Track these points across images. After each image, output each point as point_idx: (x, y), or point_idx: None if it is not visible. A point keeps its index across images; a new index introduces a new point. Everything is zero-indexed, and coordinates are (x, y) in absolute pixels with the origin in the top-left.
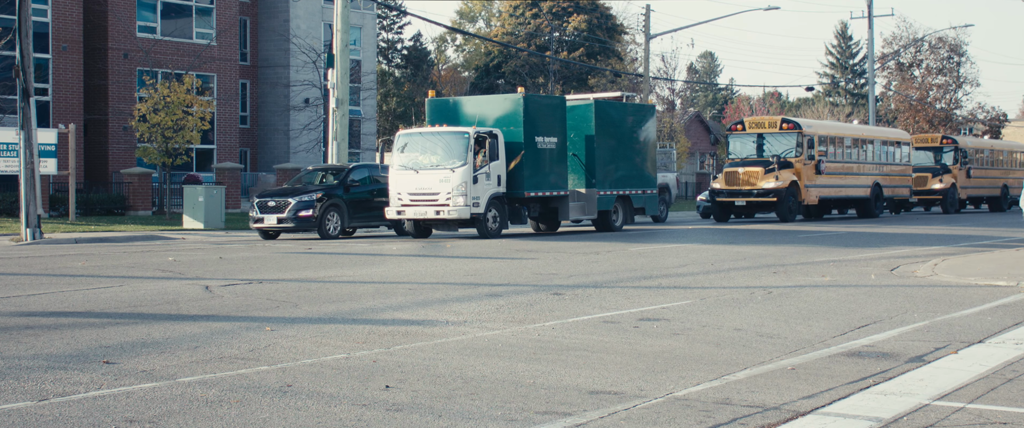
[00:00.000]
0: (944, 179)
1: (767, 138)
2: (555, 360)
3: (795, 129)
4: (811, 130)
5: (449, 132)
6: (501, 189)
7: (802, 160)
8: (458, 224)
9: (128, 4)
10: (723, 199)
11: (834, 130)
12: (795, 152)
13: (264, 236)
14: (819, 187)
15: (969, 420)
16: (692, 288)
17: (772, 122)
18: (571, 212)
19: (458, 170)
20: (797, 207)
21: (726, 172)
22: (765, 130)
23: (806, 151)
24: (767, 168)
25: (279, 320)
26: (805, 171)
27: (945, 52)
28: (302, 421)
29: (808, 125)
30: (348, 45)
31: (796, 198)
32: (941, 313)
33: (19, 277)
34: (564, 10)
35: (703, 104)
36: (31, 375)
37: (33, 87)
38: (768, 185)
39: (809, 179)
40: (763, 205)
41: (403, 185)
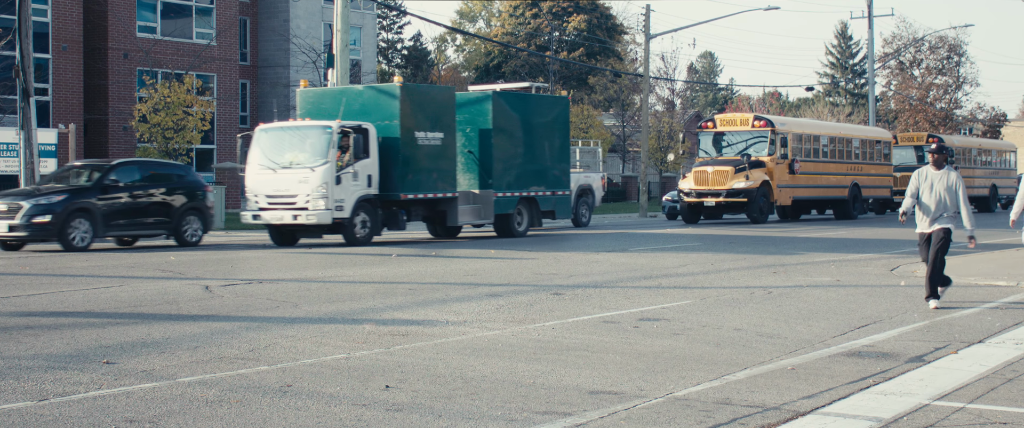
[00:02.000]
0: None
1: (739, 136)
2: (555, 360)
3: (767, 127)
4: (784, 128)
5: (310, 127)
6: (372, 191)
7: (774, 159)
8: (320, 230)
9: (128, 4)
10: (691, 200)
11: (809, 128)
12: (767, 151)
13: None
14: (793, 187)
15: (969, 420)
16: (692, 288)
17: (743, 120)
18: (461, 215)
19: (318, 169)
20: (769, 208)
21: (695, 171)
22: (736, 128)
23: (779, 150)
24: (737, 168)
25: (279, 320)
26: (777, 171)
27: (945, 52)
28: (302, 421)
29: (781, 123)
30: (348, 45)
31: (767, 199)
32: (941, 313)
33: (19, 277)
34: (564, 10)
35: (703, 104)
36: (31, 375)
37: (33, 87)
38: (738, 185)
39: (782, 179)
40: (733, 206)
41: (260, 186)
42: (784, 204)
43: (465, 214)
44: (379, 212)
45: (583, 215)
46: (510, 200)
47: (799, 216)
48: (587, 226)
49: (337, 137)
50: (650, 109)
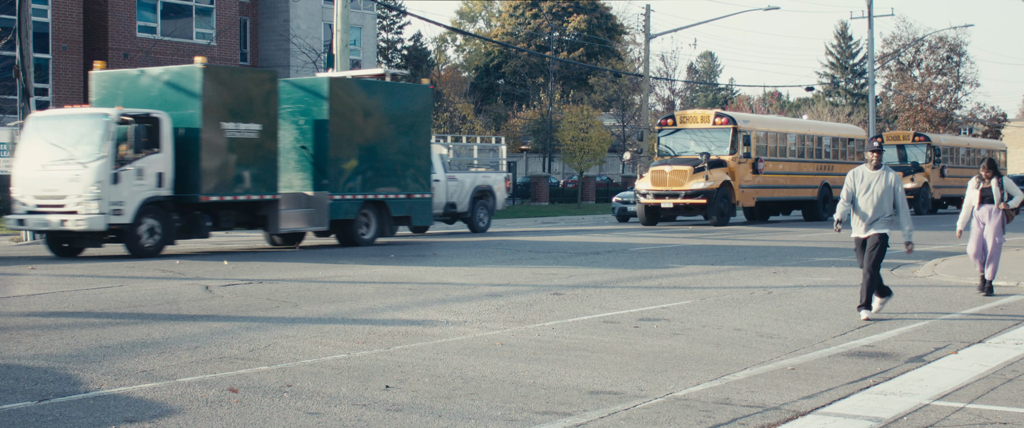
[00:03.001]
0: (916, 178)
1: (700, 134)
2: (555, 360)
3: (729, 124)
4: (748, 126)
5: (83, 115)
6: (164, 191)
7: (737, 158)
8: (97, 238)
9: (128, 4)
10: (648, 201)
11: (775, 126)
12: (729, 149)
13: None
14: (757, 188)
15: (969, 420)
16: (692, 288)
17: (704, 117)
18: (285, 221)
19: (91, 166)
20: (730, 210)
21: (652, 171)
22: (697, 125)
23: (741, 149)
24: (696, 167)
25: (279, 320)
26: (740, 170)
27: (945, 52)
28: (302, 421)
29: (744, 120)
30: (348, 45)
31: (729, 200)
32: (941, 313)
33: (19, 277)
34: (564, 10)
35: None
36: (31, 375)
37: (33, 87)
38: (696, 186)
39: (745, 179)
40: (691, 208)
41: (28, 185)
42: (747, 205)
43: (292, 219)
44: (174, 217)
45: (481, 220)
46: (351, 204)
47: (767, 217)
48: (485, 232)
49: (116, 127)
50: (650, 109)
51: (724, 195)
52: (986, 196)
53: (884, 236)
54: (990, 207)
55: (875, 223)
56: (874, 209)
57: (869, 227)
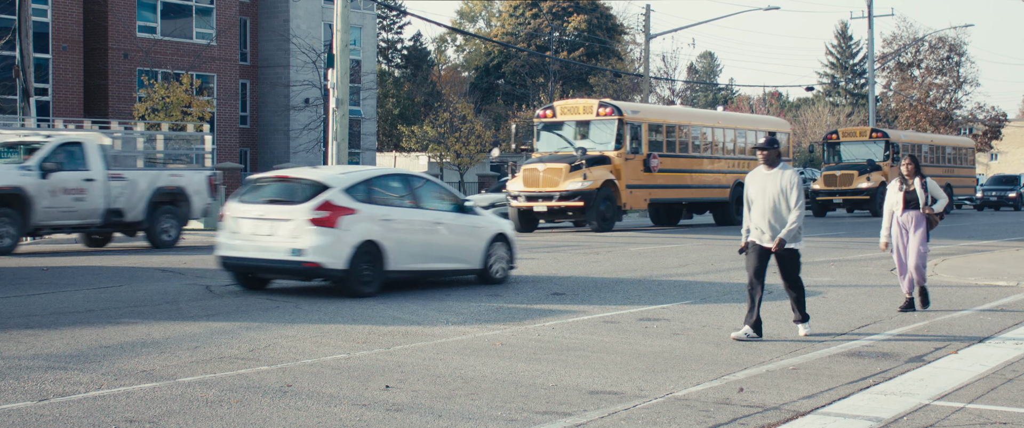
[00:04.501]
0: (872, 177)
1: (582, 127)
2: (555, 360)
3: (613, 115)
4: (637, 117)
5: None
6: None
7: (623, 154)
8: None
9: (128, 4)
10: (520, 204)
11: (675, 117)
12: (615, 144)
13: None
14: (649, 187)
15: (969, 420)
16: (692, 288)
17: (587, 107)
18: None
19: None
20: (615, 213)
21: (524, 170)
22: (579, 116)
23: (629, 143)
24: (572, 165)
25: (279, 320)
26: (627, 168)
27: (945, 52)
28: (302, 421)
29: (633, 111)
30: (348, 45)
31: (613, 202)
32: (941, 313)
33: (19, 277)
34: (564, 10)
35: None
36: (31, 375)
37: (33, 87)
38: (572, 186)
39: (634, 177)
40: (567, 211)
41: None
42: (637, 207)
43: None
44: None
45: (166, 232)
46: None
47: (677, 221)
48: (172, 247)
49: None
50: None
51: (606, 197)
52: (910, 200)
53: (792, 251)
54: (915, 213)
55: (775, 228)
56: (771, 214)
57: (770, 233)
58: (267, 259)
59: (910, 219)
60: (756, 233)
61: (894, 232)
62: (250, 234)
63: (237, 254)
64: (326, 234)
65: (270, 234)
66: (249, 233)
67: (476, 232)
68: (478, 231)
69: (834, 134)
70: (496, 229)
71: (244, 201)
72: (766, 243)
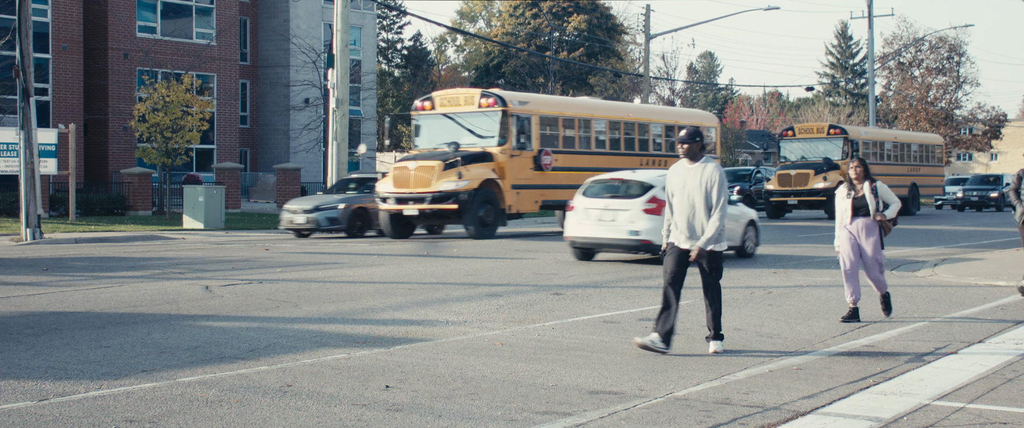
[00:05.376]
0: (829, 177)
1: (463, 120)
2: (555, 360)
3: (498, 106)
4: (526, 108)
5: None
6: None
7: (508, 150)
8: None
9: (128, 4)
10: (390, 207)
11: (572, 109)
12: (498, 139)
13: None
14: (541, 188)
15: (969, 420)
16: (692, 288)
17: (469, 97)
18: None
19: None
20: (498, 217)
21: (394, 169)
22: (460, 108)
23: (516, 138)
24: (446, 163)
25: (279, 320)
26: (513, 166)
27: (945, 52)
28: (302, 421)
29: (521, 102)
30: (348, 45)
31: (496, 204)
32: (941, 313)
33: (19, 277)
34: (564, 10)
35: (703, 104)
36: (31, 375)
37: (33, 87)
38: (445, 186)
39: (522, 177)
40: (441, 215)
41: None
42: (525, 210)
43: None
44: None
45: None
46: None
47: None
48: None
49: None
50: None
51: (487, 198)
52: (859, 207)
53: (715, 254)
54: (865, 220)
55: (696, 231)
56: (690, 211)
57: (690, 234)
58: (610, 238)
59: (861, 227)
60: (676, 233)
61: (843, 237)
62: (596, 221)
63: (585, 234)
64: (654, 220)
65: (612, 220)
66: (595, 220)
67: (739, 219)
68: (739, 218)
69: (790, 130)
70: (749, 217)
71: (588, 197)
72: (684, 244)
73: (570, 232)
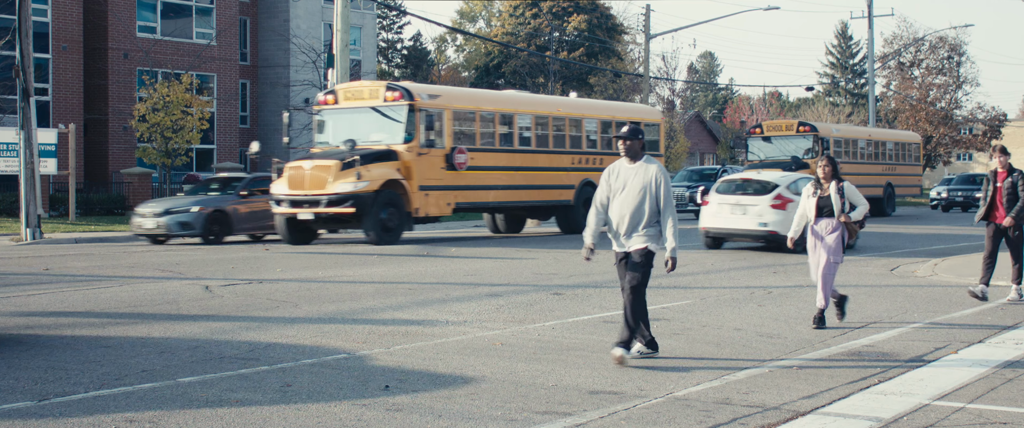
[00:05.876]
0: None
1: (369, 115)
2: (555, 360)
3: (403, 100)
4: (436, 102)
5: None
6: None
7: (415, 148)
8: None
9: (128, 4)
10: (284, 210)
11: (491, 103)
12: (404, 136)
13: None
14: (455, 189)
15: (969, 420)
16: (692, 288)
17: (374, 91)
18: None
19: None
20: (402, 221)
21: (289, 169)
22: (364, 102)
23: (424, 135)
24: (344, 162)
25: (279, 320)
26: (421, 165)
27: (945, 52)
28: (302, 421)
29: (431, 95)
30: (348, 45)
31: (400, 207)
32: (941, 313)
33: (19, 277)
34: (564, 10)
35: (703, 104)
36: (31, 375)
37: (33, 87)
38: (342, 188)
39: (432, 177)
40: (339, 219)
41: None
42: (436, 213)
43: None
44: None
45: None
46: None
47: (520, 229)
48: None
49: None
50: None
51: (390, 201)
52: (823, 207)
53: (648, 253)
54: (829, 221)
55: (634, 232)
56: (631, 213)
57: (629, 236)
58: (741, 228)
59: (825, 228)
60: (613, 238)
61: (809, 241)
62: (728, 214)
63: (718, 225)
64: (779, 214)
65: (743, 214)
66: (728, 213)
67: None
68: None
69: (758, 128)
70: None
71: (720, 193)
72: (624, 248)
73: (704, 223)
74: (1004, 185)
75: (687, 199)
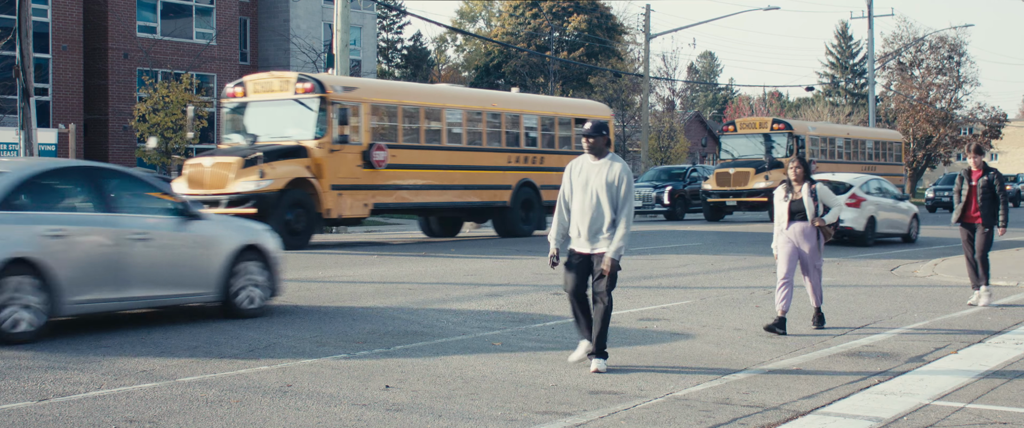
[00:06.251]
0: (772, 176)
1: (280, 109)
2: (555, 360)
3: (315, 92)
4: (352, 95)
5: None
6: None
7: (327, 144)
8: None
9: (128, 4)
10: None
11: (416, 96)
12: (315, 131)
13: None
14: (374, 189)
15: (969, 420)
16: (692, 288)
17: (285, 82)
18: None
19: None
20: (312, 223)
21: (189, 167)
22: (274, 95)
23: (337, 130)
24: (247, 159)
25: (279, 320)
26: (334, 162)
27: (945, 52)
28: (302, 421)
29: (346, 87)
30: (348, 45)
31: (310, 208)
32: (941, 313)
33: None
34: (564, 10)
35: (703, 104)
36: (31, 375)
37: (33, 87)
38: (244, 187)
39: (347, 175)
40: None
41: None
42: (351, 215)
43: None
44: None
45: None
46: None
47: (455, 232)
48: None
49: None
50: (650, 109)
51: (297, 201)
52: (796, 211)
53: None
54: (803, 225)
55: (598, 234)
56: (593, 212)
57: (592, 239)
58: None
59: (798, 233)
60: (577, 240)
61: (780, 242)
62: None
63: None
64: (854, 211)
65: None
66: None
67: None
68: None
69: (731, 125)
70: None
71: None
72: (584, 249)
73: None
74: (979, 184)
75: (653, 199)
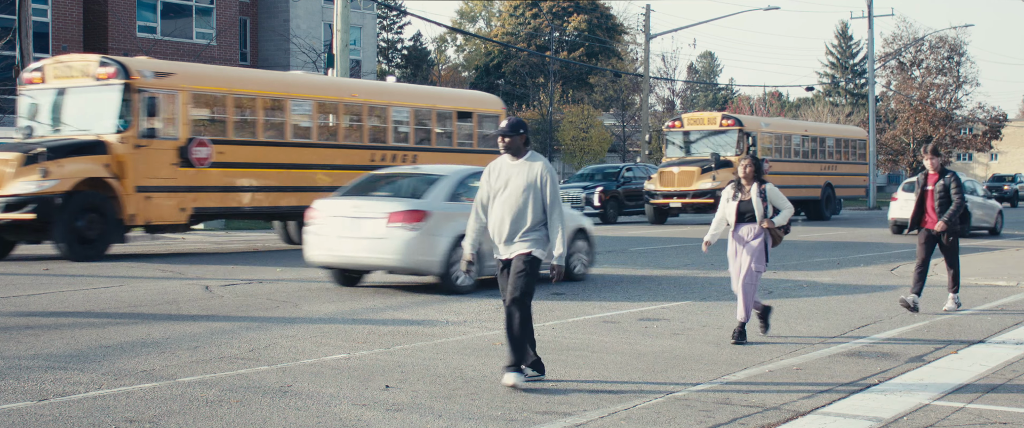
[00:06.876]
0: (718, 176)
1: (81, 97)
2: (555, 360)
3: (117, 78)
4: (166, 82)
5: None
6: None
7: (132, 138)
8: None
9: (128, 4)
10: None
11: (252, 84)
12: (117, 123)
13: None
14: (192, 190)
15: (969, 420)
16: (692, 288)
17: (85, 66)
18: None
19: None
20: (111, 230)
21: None
22: (75, 81)
23: (144, 122)
24: (28, 155)
25: (279, 320)
26: (141, 159)
27: (945, 52)
28: (302, 421)
29: (156, 73)
30: (348, 45)
31: (108, 213)
32: (941, 313)
33: (19, 277)
34: (564, 10)
35: (703, 104)
36: (31, 375)
37: None
38: (23, 188)
39: (158, 175)
40: (19, 227)
41: None
42: (165, 221)
43: None
44: None
45: None
46: None
47: None
48: None
49: None
50: (650, 109)
51: (91, 205)
52: (744, 211)
53: (531, 260)
54: (751, 226)
55: (517, 237)
56: (513, 216)
57: (510, 241)
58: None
59: (747, 234)
60: (497, 243)
61: (730, 247)
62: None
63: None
64: None
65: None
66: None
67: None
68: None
69: (677, 121)
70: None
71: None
72: (506, 254)
73: (893, 214)
74: (936, 188)
75: (582, 201)
